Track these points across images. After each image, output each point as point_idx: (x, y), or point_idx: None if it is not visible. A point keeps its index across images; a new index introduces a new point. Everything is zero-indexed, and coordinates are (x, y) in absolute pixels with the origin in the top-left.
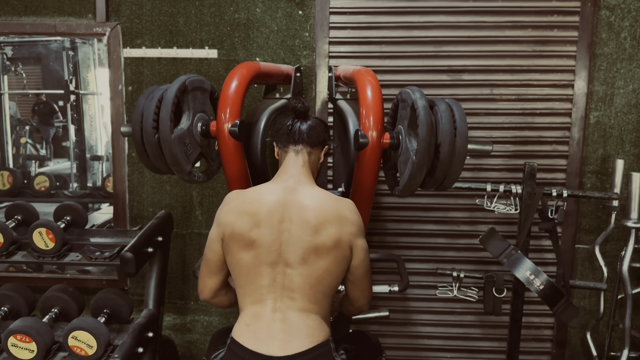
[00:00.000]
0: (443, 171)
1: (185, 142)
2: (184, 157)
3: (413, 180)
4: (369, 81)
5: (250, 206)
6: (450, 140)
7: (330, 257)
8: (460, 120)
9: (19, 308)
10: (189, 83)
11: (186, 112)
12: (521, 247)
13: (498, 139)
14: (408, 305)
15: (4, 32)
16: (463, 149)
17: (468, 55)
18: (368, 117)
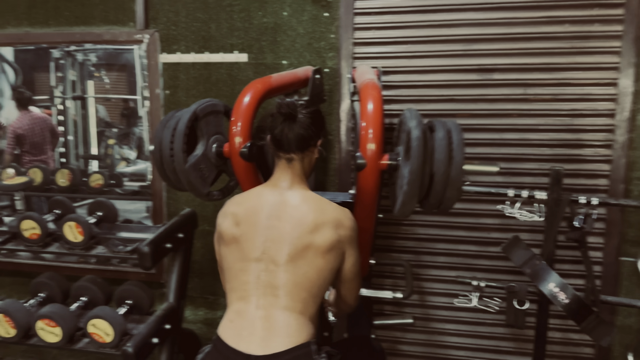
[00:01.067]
0: (437, 198)
1: (200, 168)
2: (200, 181)
3: (405, 208)
4: (371, 97)
5: (236, 206)
6: (444, 171)
7: (323, 259)
8: (457, 149)
9: (54, 295)
10: (200, 111)
11: (201, 138)
12: (546, 258)
13: (532, 142)
14: (434, 313)
15: (57, 40)
16: (457, 178)
17: (499, 53)
18: (366, 138)
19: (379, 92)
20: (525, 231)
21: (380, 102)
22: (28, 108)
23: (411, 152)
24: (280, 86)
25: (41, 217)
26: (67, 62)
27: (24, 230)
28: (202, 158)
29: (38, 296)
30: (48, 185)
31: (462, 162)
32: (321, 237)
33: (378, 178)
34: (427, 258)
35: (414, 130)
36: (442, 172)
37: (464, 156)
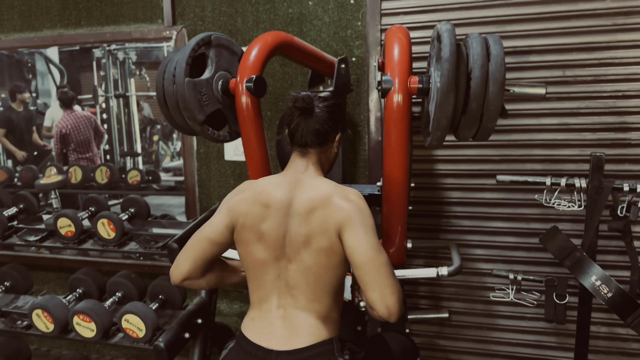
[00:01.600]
0: (478, 102)
1: (200, 91)
2: (197, 104)
3: (440, 113)
4: (397, 29)
5: (261, 196)
6: (482, 63)
7: (317, 248)
8: (495, 44)
9: (91, 291)
10: (215, 38)
11: (209, 66)
12: (587, 249)
13: (573, 127)
14: (472, 307)
15: (89, 40)
16: (499, 72)
17: (535, 34)
18: (391, 57)
19: (404, 29)
20: (566, 221)
21: (406, 31)
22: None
23: (442, 41)
24: (301, 49)
25: (75, 215)
26: (109, 61)
27: (60, 227)
28: (205, 83)
29: (76, 292)
30: (88, 183)
31: (503, 54)
32: (314, 223)
33: (408, 103)
34: (463, 250)
35: (444, 26)
36: (480, 64)
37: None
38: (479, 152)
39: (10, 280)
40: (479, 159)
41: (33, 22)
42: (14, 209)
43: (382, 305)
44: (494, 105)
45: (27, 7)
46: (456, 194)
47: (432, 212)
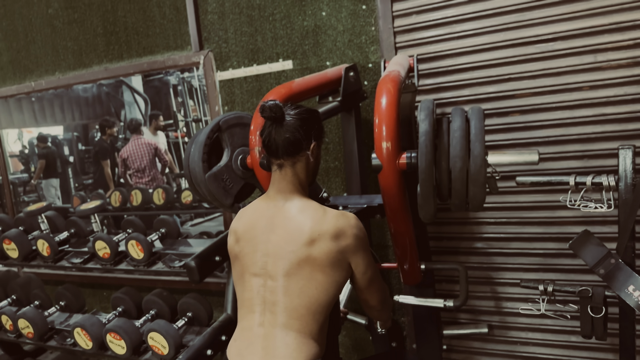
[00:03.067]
0: (460, 198)
1: (223, 178)
2: (222, 192)
3: (423, 210)
4: (385, 90)
5: (237, 222)
6: (461, 166)
7: (323, 273)
8: (476, 140)
9: (130, 309)
10: (223, 122)
11: (225, 149)
12: (623, 255)
13: (610, 117)
14: (514, 321)
15: (130, 72)
16: (479, 174)
17: (560, 19)
18: (380, 135)
19: (395, 84)
20: (609, 223)
21: (395, 95)
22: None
23: (419, 149)
24: (305, 90)
25: (110, 238)
26: (184, 87)
27: (97, 250)
28: (225, 169)
29: (116, 310)
30: (147, 205)
31: (483, 154)
32: (318, 249)
33: (399, 179)
34: (499, 259)
35: (421, 124)
36: (458, 168)
37: (484, 148)
38: None
39: (65, 300)
40: None
41: (84, 59)
42: (65, 233)
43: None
44: (477, 200)
45: (79, 46)
46: (488, 199)
47: (462, 219)
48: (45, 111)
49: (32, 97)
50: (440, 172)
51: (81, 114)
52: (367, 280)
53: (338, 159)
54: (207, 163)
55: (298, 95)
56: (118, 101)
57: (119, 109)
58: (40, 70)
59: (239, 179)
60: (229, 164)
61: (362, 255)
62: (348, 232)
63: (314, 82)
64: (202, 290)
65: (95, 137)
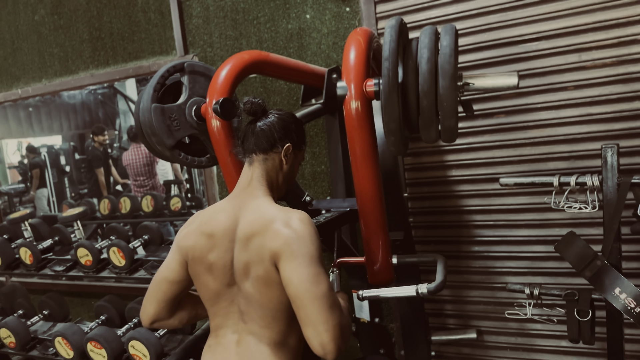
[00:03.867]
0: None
1: (170, 116)
2: (166, 129)
3: (387, 116)
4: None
5: (206, 226)
6: (428, 56)
7: (256, 277)
8: (446, 34)
9: (113, 317)
10: (188, 65)
11: (183, 92)
12: (609, 256)
13: (596, 117)
14: (503, 326)
15: (115, 78)
16: (448, 64)
17: (543, 18)
18: (347, 62)
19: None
20: (598, 225)
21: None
22: (138, 142)
23: (384, 38)
24: (282, 64)
25: (92, 245)
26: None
27: (80, 257)
28: (176, 109)
29: (99, 318)
30: (136, 212)
31: (454, 45)
32: (252, 250)
33: (366, 109)
34: (487, 263)
35: (389, 21)
36: (426, 58)
37: (456, 66)
38: (494, 154)
39: (49, 309)
40: (495, 162)
41: (70, 65)
42: (49, 241)
43: (316, 342)
44: (446, 100)
45: (65, 53)
46: (474, 202)
47: (449, 222)
48: (42, 121)
49: (29, 107)
50: (408, 96)
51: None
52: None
53: (324, 163)
54: (158, 93)
55: (269, 65)
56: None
57: (114, 117)
58: (27, 77)
59: (189, 127)
60: (182, 106)
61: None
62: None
63: (293, 64)
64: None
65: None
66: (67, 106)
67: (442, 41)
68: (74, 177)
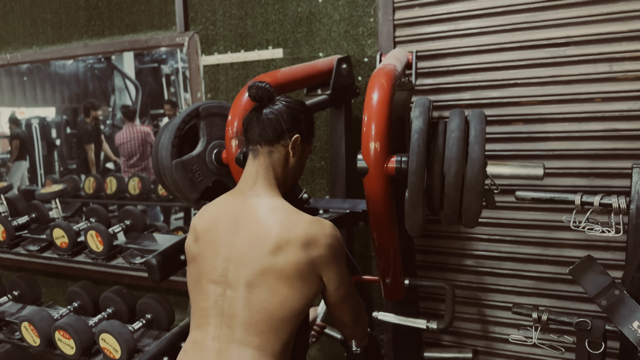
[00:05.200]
0: (452, 208)
1: (192, 169)
2: (189, 184)
3: (410, 220)
4: (378, 85)
5: (198, 219)
6: (456, 170)
7: (288, 286)
8: (475, 142)
9: (86, 305)
10: (203, 109)
11: (201, 139)
12: (629, 286)
13: (623, 133)
14: (501, 347)
15: (110, 50)
16: (476, 181)
17: (574, 22)
18: (368, 135)
19: (390, 79)
20: (615, 249)
21: (388, 91)
22: (133, 121)
23: (410, 148)
24: (291, 80)
25: (69, 226)
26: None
27: (55, 238)
28: (197, 159)
29: (71, 305)
30: (122, 194)
31: (482, 158)
32: (284, 259)
33: (386, 185)
34: (490, 280)
35: (415, 121)
36: (453, 172)
37: (484, 152)
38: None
39: (19, 290)
40: None
41: (63, 33)
42: (25, 217)
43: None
44: (471, 211)
45: (58, 19)
46: (482, 214)
47: (453, 233)
48: (37, 92)
49: (24, 76)
50: (432, 178)
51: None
52: (340, 297)
53: (325, 159)
54: (177, 148)
55: (282, 86)
56: (108, 86)
57: (108, 93)
58: (17, 43)
59: (211, 174)
60: (201, 155)
61: (336, 269)
62: (321, 241)
63: (300, 73)
64: (170, 289)
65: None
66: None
67: (471, 151)
68: (63, 152)
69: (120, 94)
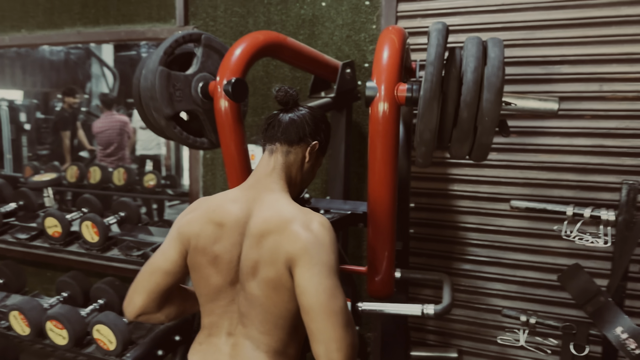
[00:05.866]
0: (470, 110)
1: (174, 84)
2: (167, 96)
3: (423, 125)
4: (391, 30)
5: (215, 214)
6: (475, 65)
7: (265, 278)
8: (494, 46)
9: (76, 295)
10: (206, 37)
11: (194, 64)
12: (614, 294)
13: (610, 150)
14: (485, 348)
15: (104, 39)
16: (496, 77)
17: (569, 42)
18: (379, 61)
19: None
20: (600, 258)
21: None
22: (111, 110)
23: (429, 44)
24: (298, 50)
25: (63, 216)
26: None
27: (47, 227)
28: (183, 79)
29: (60, 295)
30: (106, 184)
31: (502, 57)
32: (264, 250)
33: (395, 113)
34: (477, 283)
35: (434, 25)
36: (473, 67)
37: (504, 77)
38: (500, 173)
39: (4, 278)
40: (500, 182)
41: (55, 19)
42: (13, 205)
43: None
44: (488, 115)
45: (51, 4)
46: (472, 219)
47: (444, 237)
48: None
49: None
50: (446, 106)
51: (44, 80)
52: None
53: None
54: (168, 57)
55: (283, 49)
56: (85, 72)
57: (85, 80)
58: (4, 25)
59: (191, 102)
60: (189, 77)
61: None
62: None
63: (309, 52)
64: None
65: (56, 106)
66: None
67: (490, 53)
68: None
69: (97, 82)
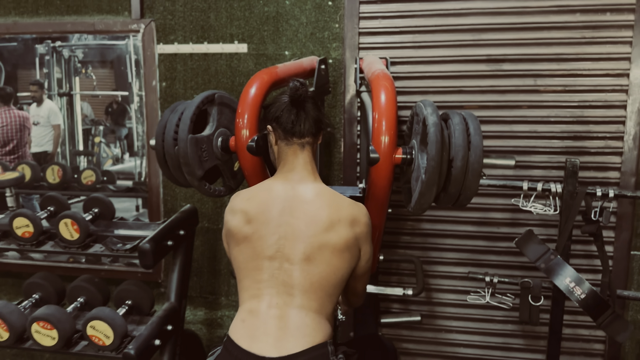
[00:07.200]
0: (457, 187)
1: (202, 147)
2: (197, 160)
3: (423, 199)
4: (384, 87)
5: (246, 203)
6: (463, 154)
7: (339, 258)
8: (475, 134)
9: (49, 296)
10: (218, 97)
11: (210, 123)
12: (561, 252)
13: (543, 134)
14: (442, 310)
15: (47, 30)
16: (477, 164)
17: (509, 43)
18: (379, 130)
19: (391, 82)
20: (535, 225)
21: (393, 92)
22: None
23: (429, 137)
24: (287, 77)
25: (35, 215)
26: (53, 58)
27: (16, 228)
28: (207, 140)
29: (32, 297)
30: (37, 183)
31: (481, 145)
32: (337, 235)
33: (391, 173)
34: (434, 254)
35: (430, 117)
36: (461, 156)
37: (482, 142)
38: None
39: None
40: None
41: None
42: None
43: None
44: (470, 190)
45: None
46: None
47: (404, 216)
48: None
49: None
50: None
51: None
52: (367, 268)
53: None
54: (193, 125)
55: (282, 80)
56: None
57: None
58: None
59: (214, 158)
60: (210, 137)
61: (369, 243)
62: (362, 220)
63: (294, 70)
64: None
65: None
66: None
67: (473, 140)
68: None
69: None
